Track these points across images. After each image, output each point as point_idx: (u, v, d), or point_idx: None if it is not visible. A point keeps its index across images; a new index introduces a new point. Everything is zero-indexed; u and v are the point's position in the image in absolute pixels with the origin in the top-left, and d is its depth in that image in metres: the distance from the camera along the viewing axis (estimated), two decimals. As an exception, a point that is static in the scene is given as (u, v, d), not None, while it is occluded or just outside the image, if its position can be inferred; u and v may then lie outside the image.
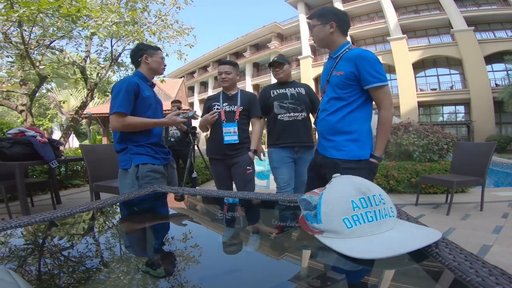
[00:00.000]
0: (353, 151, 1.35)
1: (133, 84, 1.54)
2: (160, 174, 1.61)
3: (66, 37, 5.55)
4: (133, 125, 1.54)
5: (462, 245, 0.47)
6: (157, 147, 1.65)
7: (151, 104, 1.64)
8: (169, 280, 0.42)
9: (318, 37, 1.41)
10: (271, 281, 0.43)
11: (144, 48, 1.68)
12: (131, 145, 1.58)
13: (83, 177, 4.81)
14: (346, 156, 1.35)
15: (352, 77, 1.32)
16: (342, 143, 1.36)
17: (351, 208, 0.48)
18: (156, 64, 1.68)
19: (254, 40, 26.62)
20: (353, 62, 1.31)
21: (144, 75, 1.68)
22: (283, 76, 2.21)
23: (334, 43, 1.40)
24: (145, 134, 1.60)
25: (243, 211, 0.91)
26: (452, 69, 18.42)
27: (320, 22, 1.38)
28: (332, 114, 1.40)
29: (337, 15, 1.38)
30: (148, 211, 0.91)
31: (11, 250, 0.54)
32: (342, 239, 0.47)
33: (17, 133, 2.69)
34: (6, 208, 2.67)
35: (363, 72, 1.28)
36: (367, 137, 1.38)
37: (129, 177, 1.56)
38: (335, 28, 1.36)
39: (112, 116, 1.51)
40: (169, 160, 1.76)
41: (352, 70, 1.31)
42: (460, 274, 0.37)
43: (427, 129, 4.20)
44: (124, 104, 1.50)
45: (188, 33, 6.50)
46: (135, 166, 1.54)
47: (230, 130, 2.03)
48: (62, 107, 13.54)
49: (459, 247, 0.46)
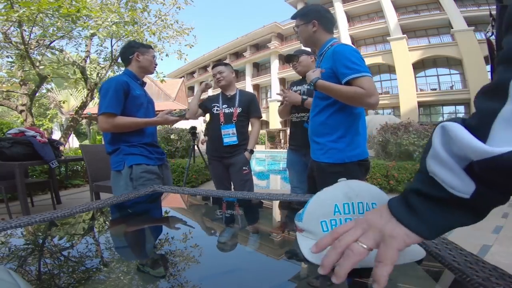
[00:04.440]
0: (338, 154, 1.28)
1: (122, 82, 1.48)
2: (155, 175, 1.55)
3: (66, 37, 5.56)
4: (123, 126, 1.48)
5: (462, 245, 0.47)
6: (151, 147, 1.60)
7: (143, 103, 1.58)
8: (169, 280, 0.42)
9: (303, 37, 1.39)
10: (271, 281, 0.43)
11: (136, 46, 1.62)
12: (123, 145, 1.52)
13: (83, 177, 4.81)
14: (331, 160, 1.29)
15: (331, 74, 1.25)
16: (328, 145, 1.30)
17: (332, 212, 0.47)
18: (147, 63, 1.63)
19: (254, 40, 26.60)
20: (331, 58, 1.25)
21: (134, 74, 1.62)
22: (301, 69, 1.99)
23: (318, 41, 1.37)
24: (138, 134, 1.54)
25: (242, 211, 0.91)
26: (452, 69, 18.42)
27: (303, 22, 1.35)
28: (318, 114, 1.36)
29: (319, 13, 1.35)
30: (148, 211, 0.91)
31: (11, 250, 0.54)
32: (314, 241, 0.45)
33: (17, 133, 2.69)
34: (6, 208, 2.67)
35: (339, 66, 1.20)
36: (354, 138, 1.30)
37: (122, 179, 1.49)
38: (318, 26, 1.33)
39: (101, 117, 1.44)
40: (163, 160, 1.70)
41: (330, 66, 1.25)
42: (460, 274, 0.37)
43: (427, 129, 4.20)
44: (113, 104, 1.43)
45: (188, 33, 6.51)
46: (129, 167, 1.48)
47: (229, 132, 2.03)
48: (62, 107, 13.54)
49: (459, 247, 0.46)
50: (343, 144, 1.28)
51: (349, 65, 1.17)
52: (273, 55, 24.71)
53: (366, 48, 21.33)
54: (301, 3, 23.29)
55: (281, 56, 24.02)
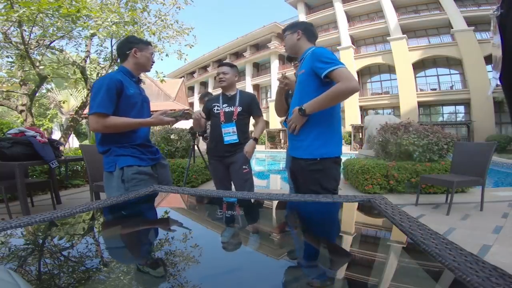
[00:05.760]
0: (317, 150, 1.35)
1: (115, 81, 1.41)
2: (148, 176, 1.49)
3: (66, 37, 5.56)
4: (115, 126, 1.41)
5: (462, 245, 0.47)
6: (143, 148, 1.53)
7: (136, 102, 1.51)
8: (169, 280, 0.42)
9: (288, 44, 1.57)
10: (271, 281, 0.43)
11: (135, 41, 1.54)
12: (114, 146, 1.46)
13: (83, 177, 4.81)
14: (310, 155, 1.36)
15: (311, 72, 1.37)
16: (308, 142, 1.38)
17: None
18: (144, 60, 1.56)
19: (254, 40, 26.59)
20: (310, 58, 1.39)
21: (130, 71, 1.55)
22: None
23: (301, 49, 1.53)
24: (129, 135, 1.47)
25: (242, 211, 0.91)
26: (452, 69, 18.42)
27: (290, 32, 1.55)
28: None
29: (303, 25, 1.56)
30: (148, 211, 0.91)
31: (11, 250, 0.54)
32: None
33: (17, 133, 2.69)
34: (6, 208, 2.67)
35: (317, 63, 1.33)
36: (332, 135, 1.39)
37: (114, 180, 1.44)
38: (301, 35, 1.51)
39: (91, 116, 1.37)
40: (157, 159, 1.62)
41: (310, 66, 1.37)
42: (460, 274, 0.37)
43: (427, 129, 4.19)
44: (105, 103, 1.36)
45: (188, 33, 6.51)
46: (120, 169, 1.43)
47: (229, 131, 2.07)
48: (62, 107, 13.53)
49: (459, 247, 0.46)
50: (320, 141, 1.36)
51: (325, 61, 1.31)
52: (273, 55, 24.70)
53: (366, 48, 21.33)
54: (301, 3, 23.30)
55: (281, 56, 24.02)
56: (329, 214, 0.84)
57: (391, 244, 0.62)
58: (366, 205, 0.80)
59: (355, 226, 0.76)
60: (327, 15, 22.01)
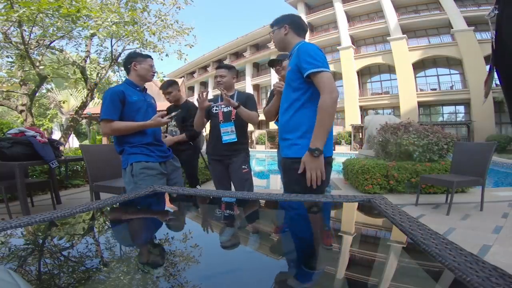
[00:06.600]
0: (302, 149, 1.29)
1: (117, 92, 1.66)
2: (156, 171, 1.70)
3: (66, 37, 5.56)
4: (119, 130, 1.66)
5: (462, 245, 0.47)
6: (152, 146, 1.74)
7: (141, 107, 1.74)
8: (169, 280, 0.42)
9: (276, 39, 1.50)
10: (271, 281, 0.43)
11: (134, 56, 1.80)
12: (126, 146, 1.70)
13: (83, 177, 4.81)
14: (295, 154, 1.31)
15: (296, 70, 1.32)
16: (293, 141, 1.34)
17: None
18: (144, 71, 1.78)
19: (254, 40, 26.59)
20: (296, 55, 1.33)
21: (133, 82, 1.79)
22: (284, 73, 1.99)
23: (289, 44, 1.46)
24: (139, 136, 1.71)
25: (242, 211, 0.91)
26: (452, 69, 18.41)
27: (277, 27, 1.48)
28: (286, 111, 1.40)
29: (290, 18, 1.48)
30: (148, 211, 0.91)
31: (11, 250, 0.54)
32: None
33: (17, 133, 2.69)
34: (6, 208, 2.67)
35: (301, 61, 1.29)
36: None
37: (127, 176, 1.69)
38: (288, 30, 1.44)
39: (101, 123, 1.67)
40: (168, 157, 1.83)
41: (296, 63, 1.33)
42: (460, 274, 0.37)
43: (427, 129, 4.18)
44: (109, 111, 1.63)
45: (188, 33, 6.51)
46: (130, 165, 1.67)
47: (227, 130, 2.09)
48: (62, 107, 13.53)
49: (459, 247, 0.46)
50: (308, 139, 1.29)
51: (309, 61, 1.26)
52: (273, 55, 24.54)
53: (366, 48, 21.33)
54: (301, 3, 23.30)
55: (281, 56, 23.98)
56: (329, 214, 0.84)
57: (391, 244, 0.62)
58: (366, 205, 0.80)
59: (355, 226, 0.76)
60: (327, 15, 22.00)
